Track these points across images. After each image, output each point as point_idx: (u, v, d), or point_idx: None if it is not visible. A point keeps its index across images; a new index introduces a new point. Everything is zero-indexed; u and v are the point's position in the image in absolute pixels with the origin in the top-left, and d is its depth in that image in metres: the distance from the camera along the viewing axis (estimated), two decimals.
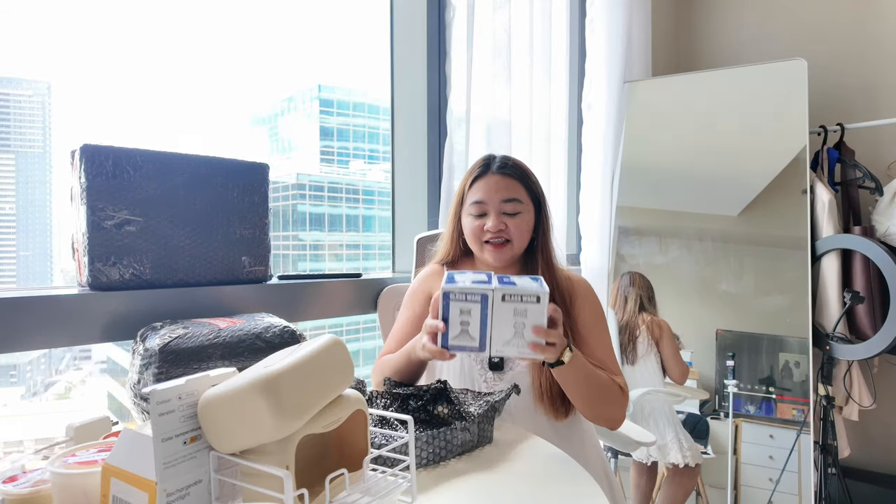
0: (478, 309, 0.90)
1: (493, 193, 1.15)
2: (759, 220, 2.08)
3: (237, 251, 1.22)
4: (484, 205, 1.16)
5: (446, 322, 0.91)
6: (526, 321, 0.90)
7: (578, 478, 0.85)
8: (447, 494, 0.79)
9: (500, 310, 0.90)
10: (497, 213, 1.15)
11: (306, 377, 0.62)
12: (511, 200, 1.15)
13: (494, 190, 1.15)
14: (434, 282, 1.27)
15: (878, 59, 2.32)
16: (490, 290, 0.90)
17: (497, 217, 1.15)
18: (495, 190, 1.15)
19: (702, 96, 2.25)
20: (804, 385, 1.95)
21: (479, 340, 0.91)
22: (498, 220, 1.14)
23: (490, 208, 1.15)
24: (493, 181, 1.16)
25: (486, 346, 0.91)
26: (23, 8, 4.64)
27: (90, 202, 1.03)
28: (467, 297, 0.90)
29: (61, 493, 0.65)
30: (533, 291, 0.90)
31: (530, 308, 0.90)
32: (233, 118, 5.30)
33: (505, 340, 0.91)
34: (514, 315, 0.90)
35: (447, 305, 0.91)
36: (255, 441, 0.59)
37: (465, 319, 0.91)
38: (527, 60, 1.94)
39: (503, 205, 1.15)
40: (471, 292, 0.90)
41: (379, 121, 2.99)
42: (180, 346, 0.95)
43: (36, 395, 2.46)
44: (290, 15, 15.50)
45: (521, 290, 0.90)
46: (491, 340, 0.91)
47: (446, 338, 0.92)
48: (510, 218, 1.15)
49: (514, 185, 1.16)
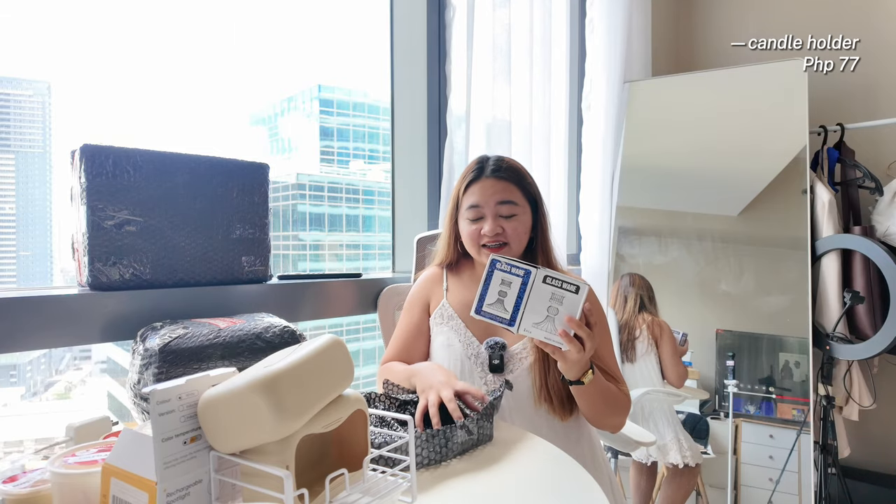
0: (518, 283, 0.94)
1: (489, 197, 1.15)
2: (759, 220, 2.08)
3: (237, 251, 1.22)
4: (479, 209, 1.16)
5: (486, 287, 0.95)
6: (561, 308, 0.93)
7: (579, 478, 0.85)
8: (447, 494, 0.79)
9: (538, 290, 0.94)
10: (493, 217, 1.15)
11: (306, 377, 0.62)
12: (506, 203, 1.15)
13: (489, 193, 1.15)
14: (433, 288, 1.28)
15: (878, 59, 2.32)
16: (535, 268, 0.95)
17: (493, 220, 1.15)
18: (490, 193, 1.15)
19: (702, 96, 2.25)
20: (804, 385, 1.95)
21: (511, 313, 0.94)
22: (494, 224, 1.14)
23: (486, 212, 1.16)
24: (487, 185, 1.16)
25: (516, 322, 0.94)
26: (23, 8, 4.66)
27: (90, 202, 1.03)
28: (512, 269, 0.95)
29: (61, 493, 0.65)
30: (575, 281, 0.94)
31: (567, 297, 0.93)
32: (232, 118, 5.31)
33: (535, 322, 0.94)
34: (551, 299, 0.94)
35: (491, 272, 0.96)
36: (255, 441, 0.59)
37: (504, 290, 0.95)
38: (527, 60, 1.94)
39: (499, 207, 1.15)
40: (516, 265, 0.95)
41: (379, 121, 2.98)
42: (180, 346, 0.95)
43: (36, 395, 2.46)
44: (290, 15, 15.50)
45: (564, 277, 0.94)
46: (522, 317, 0.94)
47: (482, 302, 0.95)
48: (506, 221, 1.15)
49: (509, 187, 1.16)
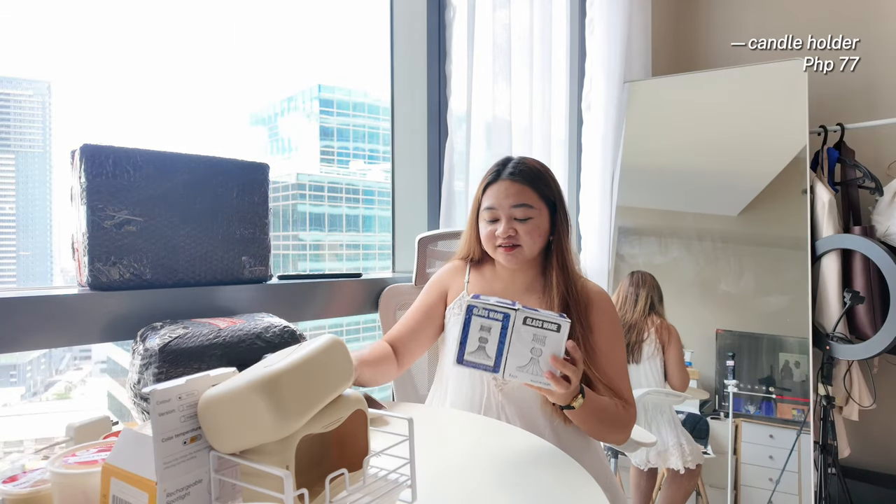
0: (498, 327, 0.91)
1: (503, 200, 1.16)
2: (759, 220, 2.08)
3: (237, 251, 1.22)
4: (495, 211, 1.17)
5: (465, 335, 0.92)
6: (544, 349, 0.91)
7: (579, 478, 0.85)
8: (447, 494, 0.79)
9: (519, 333, 0.91)
10: (507, 219, 1.16)
11: (306, 377, 0.62)
12: (520, 206, 1.16)
13: (504, 196, 1.16)
14: (454, 277, 1.29)
15: (878, 59, 2.32)
16: (513, 311, 0.91)
17: (507, 223, 1.16)
18: (505, 196, 1.16)
19: (702, 96, 2.25)
20: (804, 385, 1.95)
21: (495, 360, 0.92)
22: (508, 226, 1.16)
23: (501, 214, 1.17)
24: (503, 187, 1.17)
25: (501, 368, 0.92)
26: (23, 8, 4.65)
27: (90, 202, 1.03)
28: (490, 315, 0.91)
29: (61, 493, 0.64)
30: (555, 319, 0.91)
31: (550, 336, 0.91)
32: (232, 118, 5.30)
33: (520, 365, 0.92)
34: (533, 340, 0.91)
35: (469, 319, 0.92)
36: (255, 441, 0.59)
37: (485, 336, 0.92)
38: (527, 60, 1.94)
39: (513, 210, 1.16)
40: (494, 309, 0.92)
41: (379, 121, 2.98)
42: (180, 346, 0.95)
43: (36, 395, 2.46)
44: (290, 15, 15.48)
45: (544, 316, 0.91)
46: (506, 363, 0.92)
47: (463, 351, 0.93)
48: (520, 223, 1.16)
49: (525, 190, 1.17)
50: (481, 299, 0.93)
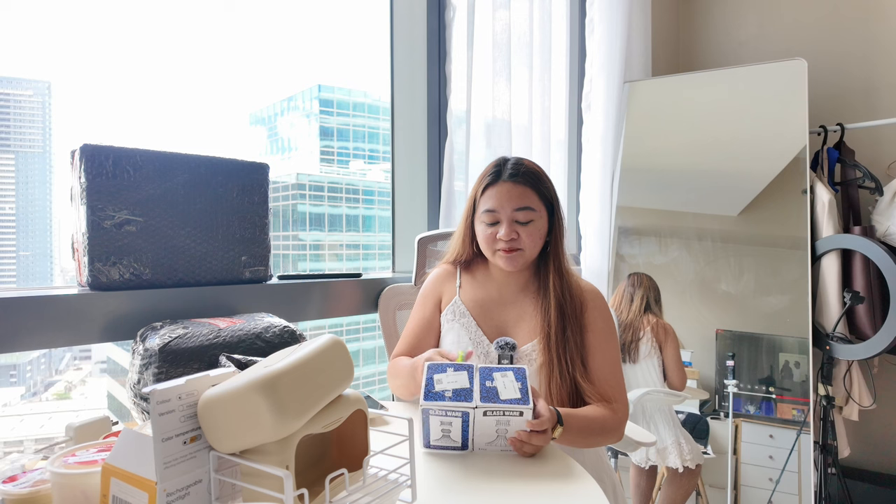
0: (458, 422, 0.91)
1: (505, 202, 1.14)
2: (759, 220, 2.08)
3: (237, 251, 1.22)
4: (496, 213, 1.15)
5: (427, 429, 0.92)
6: (509, 428, 0.91)
7: (579, 478, 0.85)
8: (447, 494, 0.79)
9: (481, 423, 0.91)
10: (509, 222, 1.14)
11: (306, 377, 0.62)
12: (523, 209, 1.14)
13: (506, 199, 1.14)
14: (445, 284, 1.28)
15: (879, 59, 2.32)
16: (471, 409, 0.90)
17: (509, 226, 1.14)
18: (507, 199, 1.14)
19: (702, 96, 2.25)
20: (804, 385, 1.95)
21: (462, 442, 0.92)
22: (510, 230, 1.13)
23: (502, 217, 1.15)
24: (504, 189, 1.15)
25: (469, 446, 0.93)
26: (23, 8, 4.63)
27: (90, 202, 1.03)
28: (447, 413, 0.90)
29: (61, 493, 0.64)
30: (516, 408, 0.89)
31: (513, 420, 0.90)
32: (232, 118, 5.28)
33: (488, 441, 0.93)
34: (497, 424, 0.91)
35: (427, 420, 0.91)
36: (254, 441, 0.59)
37: (447, 428, 0.92)
38: (527, 60, 1.94)
39: (515, 213, 1.14)
40: (451, 409, 0.90)
41: (379, 121, 2.98)
42: (180, 346, 0.95)
43: (36, 394, 2.46)
44: (290, 15, 15.42)
45: (504, 407, 0.89)
46: (473, 443, 0.93)
47: (428, 439, 0.92)
48: (522, 226, 1.14)
49: (527, 192, 1.15)
50: (434, 401, 0.90)
